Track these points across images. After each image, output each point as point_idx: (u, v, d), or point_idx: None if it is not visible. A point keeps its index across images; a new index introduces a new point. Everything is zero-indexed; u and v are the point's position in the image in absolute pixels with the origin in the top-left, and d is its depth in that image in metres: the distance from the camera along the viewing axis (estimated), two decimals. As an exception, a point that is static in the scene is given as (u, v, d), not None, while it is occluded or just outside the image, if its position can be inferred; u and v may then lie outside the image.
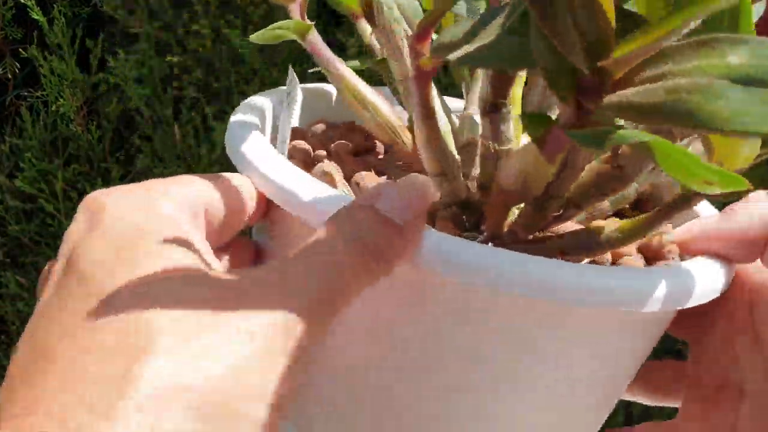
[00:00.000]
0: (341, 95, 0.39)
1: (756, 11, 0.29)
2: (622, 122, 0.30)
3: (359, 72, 0.41)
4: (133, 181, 0.98)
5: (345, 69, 0.38)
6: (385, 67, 0.42)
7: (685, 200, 0.31)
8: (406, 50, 0.36)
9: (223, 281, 0.24)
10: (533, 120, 0.26)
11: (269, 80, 1.00)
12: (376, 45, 0.43)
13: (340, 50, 0.91)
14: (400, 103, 0.39)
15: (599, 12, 0.22)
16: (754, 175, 0.26)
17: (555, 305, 0.29)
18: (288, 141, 0.37)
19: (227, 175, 0.32)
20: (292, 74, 0.39)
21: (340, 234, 0.26)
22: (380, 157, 0.42)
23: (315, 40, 0.38)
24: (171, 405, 0.20)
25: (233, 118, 0.36)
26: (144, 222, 0.25)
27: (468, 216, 0.34)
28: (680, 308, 0.30)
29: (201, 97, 0.98)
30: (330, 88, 0.44)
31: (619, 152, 0.31)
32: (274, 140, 0.38)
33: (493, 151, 0.32)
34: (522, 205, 0.33)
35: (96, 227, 0.25)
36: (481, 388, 0.31)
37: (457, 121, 0.40)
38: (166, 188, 0.28)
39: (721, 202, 0.37)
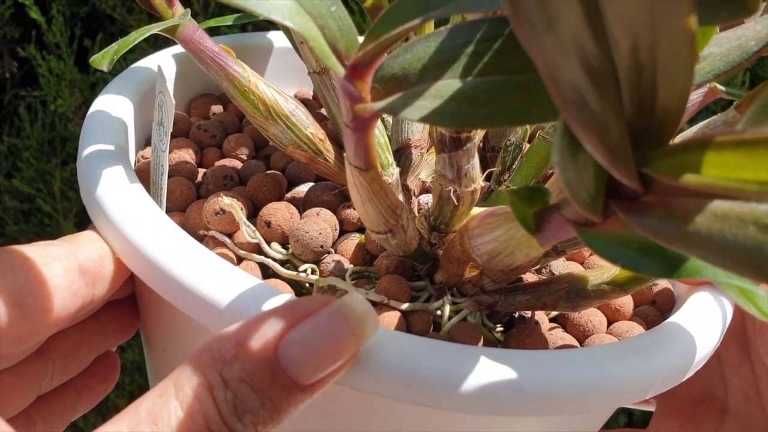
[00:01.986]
0: (238, 104, 0.29)
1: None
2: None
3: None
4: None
5: (245, 70, 0.28)
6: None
7: None
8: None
9: None
10: (524, 199, 0.19)
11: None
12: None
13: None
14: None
15: (668, 85, 0.13)
16: None
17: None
18: (165, 179, 0.28)
19: (64, 242, 0.24)
20: (161, 76, 0.28)
21: (213, 390, 0.19)
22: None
23: (190, 31, 0.27)
24: None
25: (85, 141, 0.26)
26: None
27: (418, 262, 0.27)
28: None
29: (200, 96, 0.97)
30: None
31: None
32: (141, 161, 0.30)
33: (454, 195, 0.25)
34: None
35: None
36: None
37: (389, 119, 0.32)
38: None
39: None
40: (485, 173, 0.30)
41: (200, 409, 0.18)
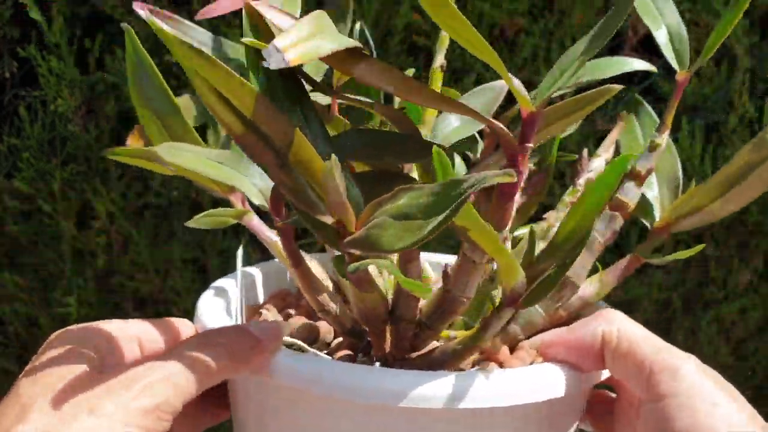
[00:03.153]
0: (279, 259, 0.47)
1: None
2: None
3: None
4: (132, 180, 0.98)
5: (276, 237, 0.46)
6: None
7: (496, 313, 0.37)
8: None
9: (101, 381, 0.34)
10: (336, 262, 0.36)
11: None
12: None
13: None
14: None
15: (327, 195, 0.32)
16: (537, 290, 0.35)
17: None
18: (242, 309, 0.48)
19: (171, 319, 0.43)
20: (238, 257, 0.49)
21: (210, 339, 0.37)
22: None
23: (252, 220, 0.45)
24: None
25: (201, 299, 0.45)
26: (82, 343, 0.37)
27: (360, 343, 0.41)
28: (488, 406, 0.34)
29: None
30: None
31: (449, 279, 0.37)
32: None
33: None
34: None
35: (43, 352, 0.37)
36: None
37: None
38: (109, 324, 0.39)
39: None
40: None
41: (196, 337, 0.38)
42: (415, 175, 0.44)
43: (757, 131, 0.98)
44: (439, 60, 0.46)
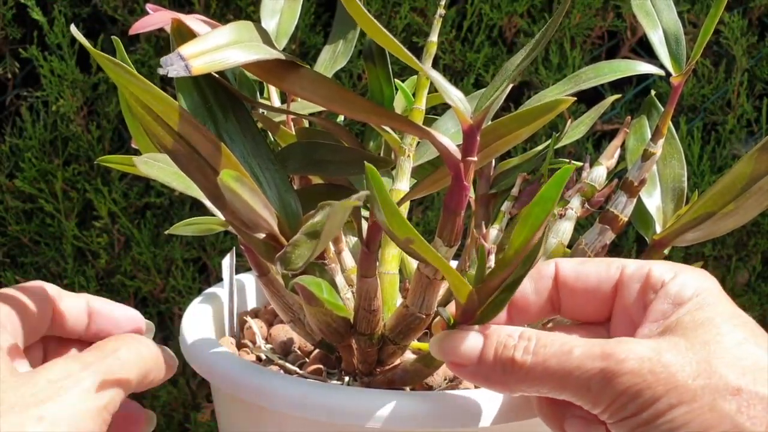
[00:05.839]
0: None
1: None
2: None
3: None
4: (134, 180, 0.98)
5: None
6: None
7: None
8: None
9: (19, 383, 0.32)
10: (284, 277, 0.37)
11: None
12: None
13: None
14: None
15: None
16: (488, 309, 0.34)
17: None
18: (235, 319, 0.48)
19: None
20: (230, 261, 0.47)
21: (132, 348, 0.36)
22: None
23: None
24: None
25: (187, 311, 0.44)
26: None
27: (332, 356, 0.42)
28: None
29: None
30: None
31: (406, 297, 0.37)
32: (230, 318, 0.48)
33: None
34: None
35: None
36: None
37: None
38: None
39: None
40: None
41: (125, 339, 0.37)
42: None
43: (756, 131, 0.98)
44: (427, 66, 0.44)
